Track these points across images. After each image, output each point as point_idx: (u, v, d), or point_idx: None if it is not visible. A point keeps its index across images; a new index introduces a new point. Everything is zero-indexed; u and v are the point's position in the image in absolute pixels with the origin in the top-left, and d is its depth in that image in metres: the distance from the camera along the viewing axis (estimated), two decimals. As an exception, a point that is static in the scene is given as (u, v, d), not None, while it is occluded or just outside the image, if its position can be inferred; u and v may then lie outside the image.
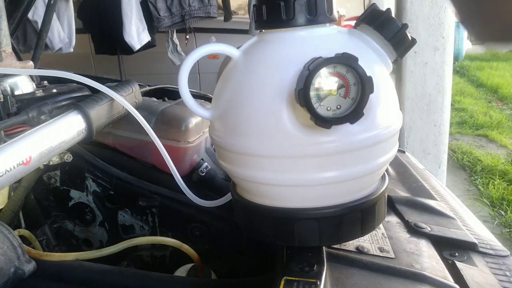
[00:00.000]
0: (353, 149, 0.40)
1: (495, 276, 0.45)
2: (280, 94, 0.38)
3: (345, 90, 0.36)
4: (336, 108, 0.36)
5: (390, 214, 0.57)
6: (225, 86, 0.44)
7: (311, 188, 0.41)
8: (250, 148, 0.40)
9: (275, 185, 0.42)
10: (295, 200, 0.43)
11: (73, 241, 0.89)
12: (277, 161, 0.40)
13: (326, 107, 0.36)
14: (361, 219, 0.43)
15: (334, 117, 0.36)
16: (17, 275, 0.47)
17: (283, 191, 0.42)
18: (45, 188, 0.86)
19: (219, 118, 0.44)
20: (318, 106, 0.35)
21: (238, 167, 0.43)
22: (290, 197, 0.43)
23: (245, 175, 0.43)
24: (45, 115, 0.66)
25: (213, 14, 3.09)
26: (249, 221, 0.48)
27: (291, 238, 0.43)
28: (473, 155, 3.23)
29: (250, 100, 0.40)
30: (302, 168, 0.40)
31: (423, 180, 0.73)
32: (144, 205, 0.79)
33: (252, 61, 0.42)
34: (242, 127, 0.41)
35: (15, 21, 1.09)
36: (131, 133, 0.82)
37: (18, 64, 0.75)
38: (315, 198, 0.42)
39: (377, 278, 0.41)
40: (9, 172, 0.52)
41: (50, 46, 2.82)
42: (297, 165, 0.40)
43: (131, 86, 0.78)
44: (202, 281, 0.59)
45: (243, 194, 0.48)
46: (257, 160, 0.41)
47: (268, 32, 0.43)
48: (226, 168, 0.46)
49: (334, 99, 0.36)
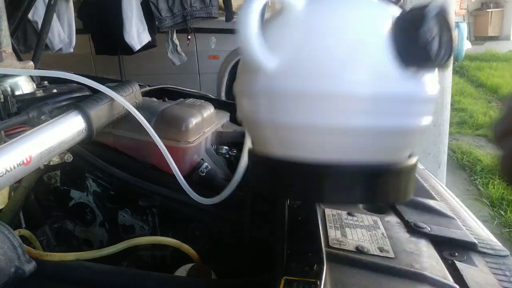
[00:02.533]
0: (425, 99, 0.43)
1: (494, 276, 0.45)
2: (377, 31, 0.41)
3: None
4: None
5: (390, 214, 0.57)
6: (291, 33, 0.43)
7: (357, 138, 0.42)
8: (333, 85, 0.41)
9: (334, 128, 0.42)
10: (338, 150, 0.43)
11: (74, 241, 0.89)
12: (358, 102, 0.41)
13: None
14: (395, 183, 0.44)
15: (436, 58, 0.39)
16: (17, 275, 0.47)
17: (333, 139, 0.43)
18: (46, 188, 0.86)
19: (289, 62, 0.42)
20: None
21: (307, 114, 0.42)
22: (338, 148, 0.43)
23: (316, 123, 0.42)
24: (45, 115, 0.66)
25: (215, 15, 3.09)
26: (275, 178, 0.47)
27: (321, 194, 0.44)
28: (473, 155, 3.23)
29: (336, 39, 0.42)
30: (375, 110, 0.41)
31: (423, 180, 0.73)
32: (144, 205, 0.79)
33: (331, 4, 0.44)
34: (326, 65, 0.41)
35: (15, 21, 1.09)
36: (131, 133, 0.82)
37: (18, 64, 0.75)
38: (360, 149, 0.43)
39: (377, 278, 0.41)
40: (10, 172, 0.52)
41: (50, 46, 2.82)
42: (368, 106, 0.41)
43: (131, 86, 0.78)
44: (202, 281, 0.59)
45: (267, 150, 0.47)
46: (327, 101, 0.41)
47: None
48: (279, 122, 0.44)
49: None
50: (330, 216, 0.55)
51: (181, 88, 1.22)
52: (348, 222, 0.53)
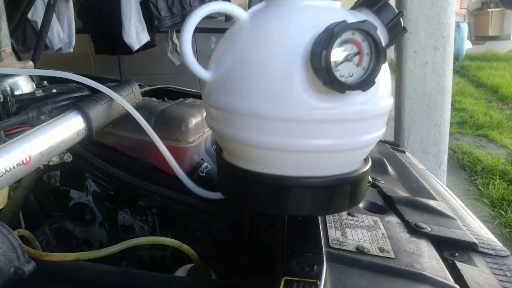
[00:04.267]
0: (354, 119, 0.41)
1: (495, 276, 0.45)
2: (292, 57, 0.39)
3: (359, 58, 0.37)
4: (349, 75, 0.37)
5: (390, 214, 0.57)
6: (229, 48, 0.44)
7: (309, 155, 0.42)
8: (255, 109, 0.41)
9: (274, 149, 0.42)
10: (291, 167, 0.43)
11: (73, 241, 0.89)
12: (279, 124, 0.40)
13: (340, 73, 0.37)
14: (350, 192, 0.45)
15: (348, 83, 0.37)
16: (17, 275, 0.47)
17: (280, 156, 0.42)
18: (45, 188, 0.86)
19: (220, 79, 0.44)
20: (335, 71, 0.37)
21: (237, 130, 0.43)
22: (287, 164, 0.43)
23: (243, 138, 0.43)
24: (45, 115, 0.66)
25: (214, 14, 3.09)
26: (240, 189, 0.48)
27: (284, 207, 0.44)
28: (473, 155, 3.23)
29: (258, 61, 0.41)
30: (302, 133, 0.40)
31: (423, 180, 0.73)
32: (144, 205, 0.79)
33: (261, 24, 0.43)
34: (248, 88, 0.41)
35: (15, 21, 1.09)
36: (131, 133, 0.82)
37: (18, 64, 0.75)
38: (310, 167, 0.43)
39: (377, 278, 0.41)
40: (9, 172, 0.52)
41: (49, 46, 2.82)
42: (298, 129, 0.40)
43: (131, 86, 0.78)
44: (202, 281, 0.59)
45: (233, 161, 0.48)
46: (259, 122, 0.41)
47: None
48: (220, 132, 0.46)
49: (348, 67, 0.37)
50: (330, 216, 0.55)
51: (180, 88, 1.22)
52: (348, 222, 0.53)
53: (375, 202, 0.60)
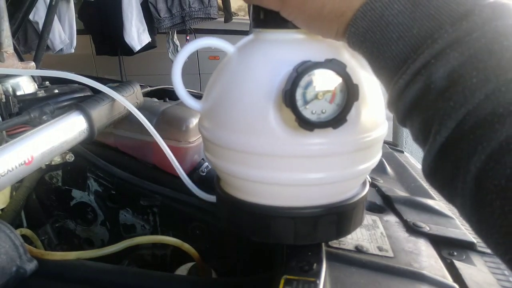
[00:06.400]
0: (333, 154, 0.40)
1: (493, 275, 0.46)
2: (268, 94, 0.39)
3: (331, 95, 0.36)
4: (321, 112, 0.36)
5: (389, 213, 0.57)
6: (217, 80, 0.45)
7: (289, 188, 0.42)
8: (235, 144, 0.41)
9: (255, 181, 0.42)
10: (273, 198, 0.43)
11: (75, 240, 0.89)
12: (259, 158, 0.40)
13: (311, 110, 0.36)
14: (337, 222, 0.44)
15: (317, 121, 0.36)
16: (18, 274, 0.48)
17: (262, 188, 0.43)
18: (47, 188, 0.87)
19: (208, 111, 0.44)
20: (304, 108, 0.35)
21: (222, 161, 0.44)
22: (268, 195, 0.43)
23: (228, 169, 0.44)
24: (46, 115, 0.67)
25: (213, 15, 3.09)
26: (229, 214, 0.48)
27: (266, 235, 0.44)
28: (473, 156, 3.22)
29: (239, 96, 0.41)
30: (282, 168, 0.40)
31: (422, 180, 0.73)
32: (145, 205, 0.80)
33: (245, 58, 0.43)
34: (229, 122, 0.41)
35: (16, 22, 1.10)
36: (132, 133, 0.82)
37: (20, 64, 0.75)
38: (292, 198, 0.43)
39: (376, 277, 0.42)
40: (11, 172, 0.52)
41: (51, 47, 2.82)
42: (277, 164, 0.40)
43: (132, 87, 0.78)
44: (202, 280, 0.59)
45: (225, 188, 0.48)
46: (241, 155, 0.41)
47: (264, 31, 0.44)
48: (210, 161, 0.47)
49: (320, 104, 0.36)
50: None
51: (181, 89, 1.22)
52: (347, 222, 0.53)
53: (374, 202, 0.61)
